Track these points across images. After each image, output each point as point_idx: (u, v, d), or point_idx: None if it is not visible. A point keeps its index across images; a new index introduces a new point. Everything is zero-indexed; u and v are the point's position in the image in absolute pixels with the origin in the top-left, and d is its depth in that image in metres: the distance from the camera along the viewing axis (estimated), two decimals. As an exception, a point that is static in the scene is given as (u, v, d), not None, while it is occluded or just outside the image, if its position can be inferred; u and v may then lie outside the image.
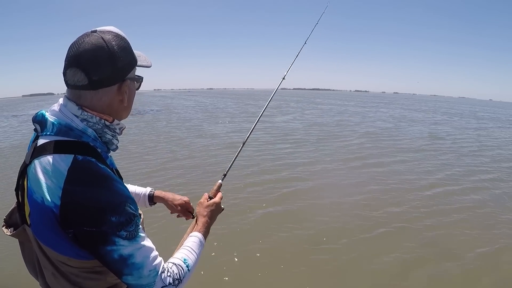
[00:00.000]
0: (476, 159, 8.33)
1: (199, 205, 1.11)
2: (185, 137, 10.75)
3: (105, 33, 0.79)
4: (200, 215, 1.07)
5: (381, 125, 15.07)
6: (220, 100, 41.23)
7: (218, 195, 1.15)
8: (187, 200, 1.29)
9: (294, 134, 11.49)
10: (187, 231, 1.04)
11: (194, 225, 1.05)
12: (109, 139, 0.85)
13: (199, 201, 1.13)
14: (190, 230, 1.03)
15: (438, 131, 13.74)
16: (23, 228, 0.84)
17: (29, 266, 0.94)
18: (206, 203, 1.10)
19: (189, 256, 0.89)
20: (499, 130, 15.93)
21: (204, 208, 1.09)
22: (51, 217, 0.72)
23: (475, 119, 22.55)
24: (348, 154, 8.27)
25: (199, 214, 1.07)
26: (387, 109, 27.93)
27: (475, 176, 6.60)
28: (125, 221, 0.73)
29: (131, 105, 0.90)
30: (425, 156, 8.37)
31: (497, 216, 4.54)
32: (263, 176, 6.14)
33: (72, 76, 0.77)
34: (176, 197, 1.30)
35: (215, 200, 1.12)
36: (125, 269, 0.74)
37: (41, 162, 0.74)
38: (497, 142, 11.58)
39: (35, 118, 0.80)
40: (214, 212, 1.10)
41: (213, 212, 1.09)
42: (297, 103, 34.64)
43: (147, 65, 0.90)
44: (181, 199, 1.29)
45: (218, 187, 1.21)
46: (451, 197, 5.25)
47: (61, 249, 0.76)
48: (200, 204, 1.11)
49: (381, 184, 5.81)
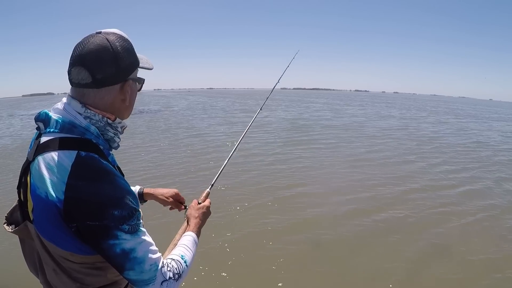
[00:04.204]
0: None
1: (191, 208, 1.16)
2: (180, 138, 10.74)
3: (110, 35, 0.82)
4: (191, 216, 1.11)
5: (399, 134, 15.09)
6: (220, 100, 41.21)
7: (207, 200, 1.22)
8: (176, 191, 1.33)
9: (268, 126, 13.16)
10: (179, 231, 1.07)
11: (185, 226, 1.08)
12: (111, 136, 0.87)
13: (190, 205, 1.17)
14: (182, 231, 1.06)
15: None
16: (25, 225, 0.85)
17: (29, 264, 0.95)
18: (197, 206, 1.16)
19: (186, 253, 0.91)
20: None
21: (196, 210, 1.13)
22: (55, 211, 0.73)
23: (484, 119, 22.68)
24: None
25: (191, 215, 1.11)
26: (390, 109, 28.12)
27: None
28: (127, 215, 0.75)
29: (133, 105, 0.92)
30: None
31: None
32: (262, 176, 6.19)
33: (76, 75, 0.79)
34: (165, 190, 1.33)
35: (206, 204, 1.18)
36: (127, 264, 0.75)
37: (44, 158, 0.76)
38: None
39: (38, 117, 0.82)
40: (205, 214, 1.14)
41: (204, 214, 1.14)
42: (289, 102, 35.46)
43: (149, 67, 0.93)
44: (171, 191, 1.33)
45: (207, 194, 1.27)
46: (461, 199, 5.20)
47: (63, 244, 0.77)
48: (191, 207, 1.16)
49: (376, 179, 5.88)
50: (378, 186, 5.66)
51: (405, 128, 14.24)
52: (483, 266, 3.29)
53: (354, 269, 3.20)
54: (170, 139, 10.31)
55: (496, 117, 26.18)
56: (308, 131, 12.47)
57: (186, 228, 1.07)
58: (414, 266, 3.25)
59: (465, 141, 11.28)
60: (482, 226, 4.20)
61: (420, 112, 26.57)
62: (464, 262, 3.37)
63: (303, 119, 17.25)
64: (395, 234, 3.90)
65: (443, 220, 4.33)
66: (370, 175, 6.29)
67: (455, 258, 3.44)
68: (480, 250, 3.59)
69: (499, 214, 4.61)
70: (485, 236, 3.93)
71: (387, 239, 3.79)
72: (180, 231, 1.07)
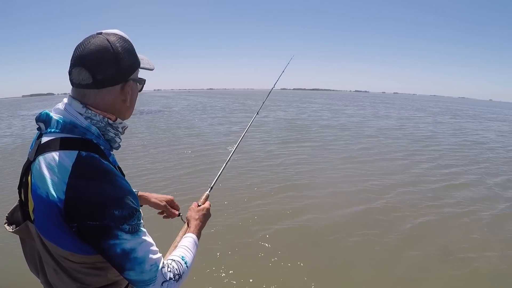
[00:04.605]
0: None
1: (191, 210, 1.16)
2: (179, 137, 10.76)
3: (110, 35, 0.82)
4: (192, 218, 1.11)
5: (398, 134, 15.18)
6: (220, 100, 41.24)
7: (207, 203, 1.22)
8: (172, 197, 1.33)
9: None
10: (179, 233, 1.07)
11: (186, 228, 1.08)
12: (112, 137, 0.87)
13: (190, 207, 1.17)
14: (183, 232, 1.07)
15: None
16: (26, 225, 0.85)
17: (30, 263, 0.95)
18: (197, 208, 1.16)
19: (186, 254, 0.91)
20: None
21: (196, 212, 1.14)
22: (56, 211, 0.74)
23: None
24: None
25: (191, 217, 1.11)
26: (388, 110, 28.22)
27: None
28: (127, 215, 0.75)
29: (134, 106, 0.92)
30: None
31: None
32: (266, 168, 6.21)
33: (77, 75, 0.79)
34: (160, 195, 1.33)
35: (205, 206, 1.19)
36: (127, 264, 0.75)
37: (45, 158, 0.76)
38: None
39: (39, 117, 0.83)
40: (205, 216, 1.15)
41: (205, 216, 1.14)
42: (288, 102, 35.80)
43: (150, 67, 0.93)
44: (166, 196, 1.33)
45: (206, 197, 1.27)
46: (459, 197, 5.26)
47: (64, 243, 0.77)
48: (191, 209, 1.16)
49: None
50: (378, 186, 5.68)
51: (400, 128, 14.39)
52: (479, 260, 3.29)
53: (353, 267, 3.21)
54: (170, 139, 10.30)
55: (494, 117, 26.21)
56: (305, 130, 12.73)
57: (186, 230, 1.07)
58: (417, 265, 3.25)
59: (458, 139, 11.54)
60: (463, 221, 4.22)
61: (418, 112, 26.82)
62: (464, 260, 3.37)
63: (301, 119, 17.44)
64: (377, 227, 3.93)
65: (450, 220, 4.34)
66: (375, 178, 6.29)
67: (455, 256, 3.45)
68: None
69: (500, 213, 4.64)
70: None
71: (384, 236, 3.79)
72: (180, 233, 1.07)
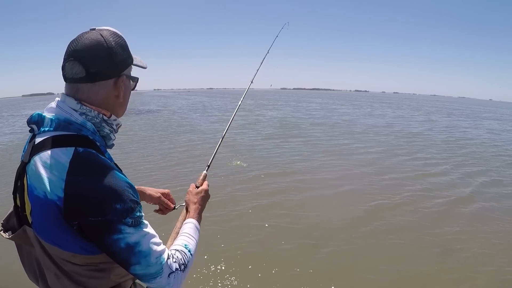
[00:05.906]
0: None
1: (189, 193, 1.12)
2: (177, 133, 10.93)
3: (103, 31, 0.82)
4: (190, 202, 1.08)
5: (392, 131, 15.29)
6: (220, 99, 41.21)
7: (205, 183, 1.19)
8: (168, 191, 1.30)
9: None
10: (179, 218, 1.05)
11: (185, 214, 1.06)
12: (107, 133, 0.86)
13: (188, 190, 1.14)
14: (182, 218, 1.04)
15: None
16: (23, 230, 0.81)
17: (28, 271, 0.91)
18: (195, 191, 1.13)
19: (189, 241, 0.90)
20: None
21: (194, 195, 1.10)
22: (55, 210, 0.71)
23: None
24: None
25: (190, 201, 1.09)
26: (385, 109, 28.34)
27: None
28: (129, 208, 0.73)
29: (127, 103, 0.92)
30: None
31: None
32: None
33: (70, 69, 0.78)
34: (155, 188, 1.29)
35: (204, 187, 1.15)
36: (133, 258, 0.73)
37: (41, 157, 0.74)
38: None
39: (31, 119, 0.80)
40: (204, 198, 1.12)
41: (203, 199, 1.12)
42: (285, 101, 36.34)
43: (143, 66, 0.93)
44: (162, 190, 1.29)
45: (204, 176, 1.24)
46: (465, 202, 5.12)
47: (64, 244, 0.75)
48: (189, 192, 1.13)
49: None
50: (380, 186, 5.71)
51: (391, 126, 14.83)
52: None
53: (353, 267, 3.21)
54: (168, 136, 10.37)
55: (490, 116, 26.34)
56: (297, 128, 13.20)
57: (186, 215, 1.04)
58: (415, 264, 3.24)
59: (446, 135, 12.12)
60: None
61: (413, 111, 27.30)
62: (463, 259, 3.37)
63: (296, 117, 18.04)
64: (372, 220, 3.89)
65: (453, 223, 4.30)
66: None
67: (455, 254, 3.46)
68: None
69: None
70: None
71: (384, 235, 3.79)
72: (180, 218, 1.05)
